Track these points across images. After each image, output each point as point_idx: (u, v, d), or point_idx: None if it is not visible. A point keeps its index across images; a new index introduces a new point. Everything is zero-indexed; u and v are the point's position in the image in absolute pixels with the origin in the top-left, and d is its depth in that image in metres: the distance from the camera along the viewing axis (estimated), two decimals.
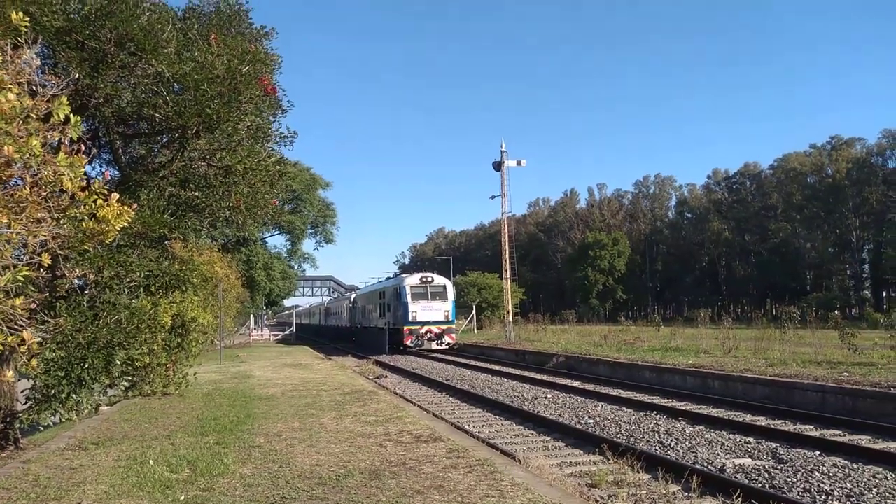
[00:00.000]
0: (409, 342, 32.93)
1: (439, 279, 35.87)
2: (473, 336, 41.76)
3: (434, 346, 33.13)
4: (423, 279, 35.05)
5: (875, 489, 7.35)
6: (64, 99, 5.78)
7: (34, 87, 6.09)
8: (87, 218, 6.54)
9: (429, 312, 33.44)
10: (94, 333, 7.45)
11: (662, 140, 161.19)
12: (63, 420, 9.16)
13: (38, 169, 5.74)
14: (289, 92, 11.22)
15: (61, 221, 6.36)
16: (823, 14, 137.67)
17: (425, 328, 33.18)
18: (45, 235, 5.79)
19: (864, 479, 7.70)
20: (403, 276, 39.17)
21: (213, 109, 8.86)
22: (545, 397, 15.72)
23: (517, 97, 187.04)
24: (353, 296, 51.71)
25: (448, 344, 33.55)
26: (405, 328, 33.12)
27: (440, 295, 34.20)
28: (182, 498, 5.67)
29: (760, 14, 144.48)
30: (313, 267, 57.28)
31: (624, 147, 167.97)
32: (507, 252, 37.18)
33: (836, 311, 25.82)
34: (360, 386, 15.05)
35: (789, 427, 11.21)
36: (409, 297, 33.44)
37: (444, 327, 33.67)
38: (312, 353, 32.47)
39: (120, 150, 10.80)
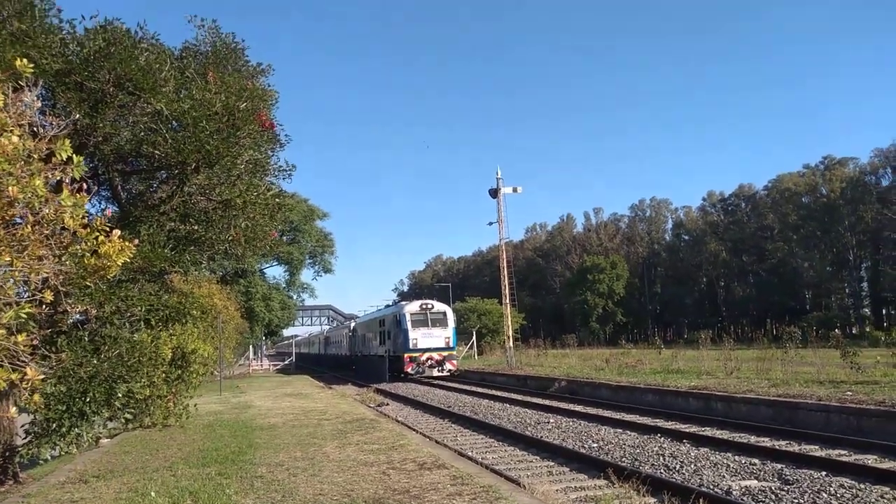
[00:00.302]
0: (409, 369, 32.64)
1: (439, 305, 35.74)
2: (474, 362, 41.57)
3: (435, 372, 32.85)
4: (423, 306, 34.94)
5: None
6: (66, 141, 5.88)
7: (35, 129, 6.20)
8: (88, 254, 6.61)
9: (429, 339, 33.22)
10: (95, 367, 7.46)
11: (657, 164, 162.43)
12: (63, 453, 9.12)
13: (40, 208, 5.82)
14: (284, 122, 11.40)
15: (63, 258, 6.42)
16: (813, 36, 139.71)
17: (426, 355, 32.92)
18: (47, 272, 5.84)
19: (872, 500, 7.67)
20: (403, 303, 39.02)
21: (211, 145, 8.98)
22: (548, 422, 15.63)
23: (512, 124, 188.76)
24: (353, 324, 51.59)
25: (450, 370, 33.27)
26: (406, 355, 32.86)
27: (440, 321, 34.03)
28: None
29: (755, 32, 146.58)
30: (312, 296, 57.27)
31: (619, 172, 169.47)
32: (506, 278, 37.19)
33: (836, 330, 25.80)
34: (361, 414, 14.97)
35: (794, 447, 11.15)
36: (409, 324, 33.27)
37: (446, 354, 33.42)
38: (313, 382, 32.25)
39: (119, 187, 10.91)
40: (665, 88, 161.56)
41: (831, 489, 8.17)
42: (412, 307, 34.87)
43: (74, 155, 5.42)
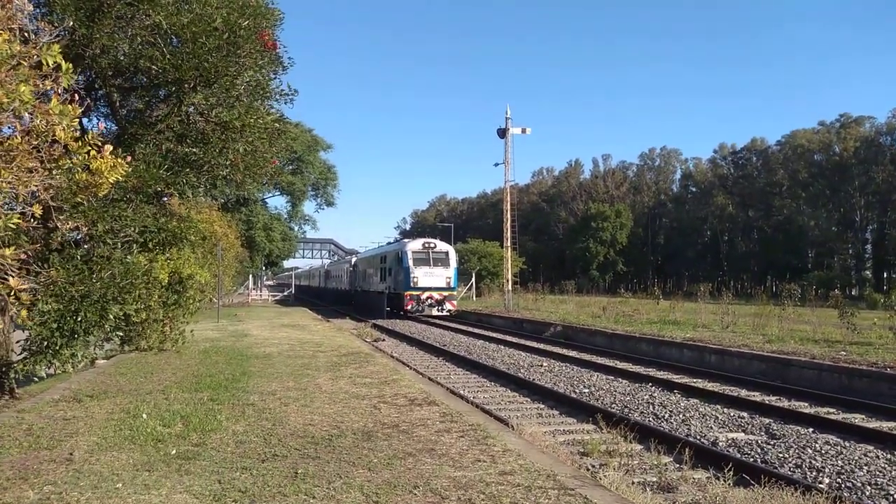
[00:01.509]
0: (409, 307, 32.78)
1: (442, 245, 35.60)
2: (472, 303, 41.88)
3: (435, 312, 32.98)
4: (426, 245, 34.77)
5: (866, 467, 7.35)
6: (55, 46, 5.61)
7: (26, 34, 5.91)
8: (80, 170, 6.42)
9: (430, 278, 33.18)
10: (87, 287, 7.39)
11: (670, 112, 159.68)
12: (58, 372, 9.18)
13: (29, 117, 5.61)
14: (291, 50, 10.99)
15: (53, 172, 6.24)
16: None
17: (426, 294, 32.97)
18: (36, 186, 5.67)
19: (856, 457, 7.71)
20: (405, 240, 38.95)
21: (210, 63, 8.67)
22: (541, 366, 15.76)
23: (524, 61, 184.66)
24: (354, 259, 51.71)
25: (449, 311, 33.41)
26: (406, 293, 32.93)
27: (442, 261, 33.96)
28: (174, 452, 5.66)
29: None
30: (314, 229, 57.25)
31: (630, 118, 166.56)
32: (509, 221, 37.06)
33: (836, 290, 25.77)
34: (357, 348, 15.08)
35: (784, 403, 11.22)
36: (411, 262, 33.18)
37: (446, 294, 33.47)
38: (311, 314, 32.57)
39: (118, 104, 10.62)
40: (683, 35, 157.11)
41: (816, 445, 8.22)
42: (414, 245, 34.75)
43: (64, 62, 5.17)
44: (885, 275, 75.84)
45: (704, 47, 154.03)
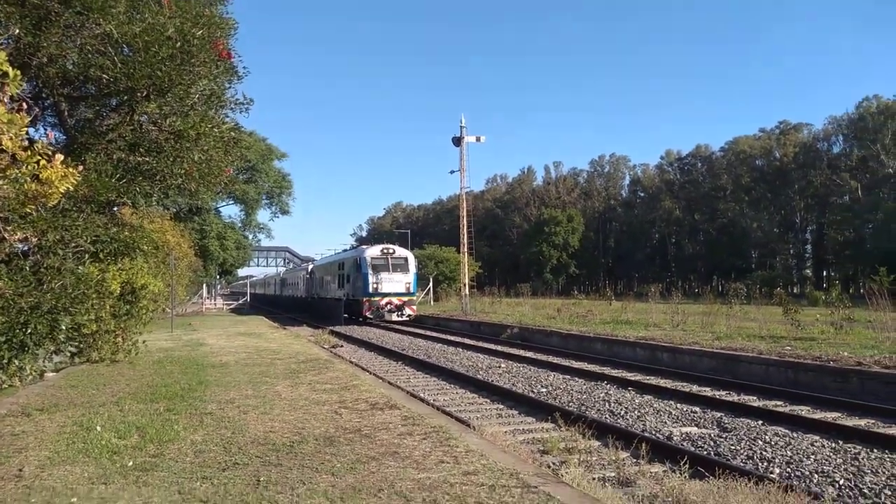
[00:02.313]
0: (368, 314, 32.54)
1: (401, 251, 35.47)
2: (430, 308, 41.91)
3: (395, 317, 32.75)
4: (385, 251, 34.59)
5: (813, 456, 7.69)
6: (2, 54, 5.48)
7: None
8: (28, 179, 6.26)
9: (390, 284, 32.97)
10: (37, 298, 7.18)
11: (618, 120, 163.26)
12: (5, 387, 8.87)
13: None
14: (245, 59, 10.90)
15: (1, 182, 6.08)
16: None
17: (385, 300, 32.73)
18: None
19: (804, 447, 8.06)
20: (364, 247, 38.57)
21: (163, 72, 8.53)
22: (499, 367, 15.93)
23: (477, 71, 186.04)
24: (311, 266, 51.11)
25: (409, 316, 33.23)
26: (364, 300, 32.68)
27: (402, 266, 33.80)
28: (131, 463, 5.56)
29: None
30: (269, 237, 56.46)
31: (580, 126, 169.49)
32: (465, 227, 37.27)
33: (780, 289, 26.76)
34: (315, 355, 14.97)
35: (734, 397, 11.63)
36: (369, 269, 32.93)
37: (406, 299, 33.31)
38: (267, 322, 32.08)
39: (66, 113, 10.32)
40: (632, 45, 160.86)
41: (766, 437, 8.56)
42: (373, 251, 34.52)
43: (11, 69, 5.06)
44: (824, 273, 79.07)
45: (653, 56, 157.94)
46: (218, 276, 56.57)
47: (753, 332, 18.69)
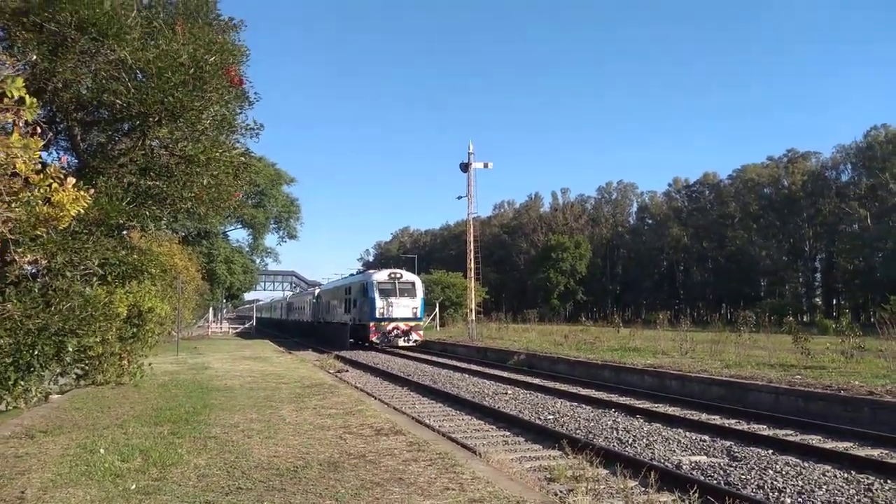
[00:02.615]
0: (375, 339, 32.20)
1: (408, 275, 35.27)
2: (436, 333, 41.76)
3: (401, 342, 32.37)
4: (392, 275, 34.36)
5: (825, 486, 7.56)
6: (19, 79, 5.58)
7: None
8: (40, 202, 6.34)
9: (397, 309, 32.71)
10: (45, 320, 7.22)
11: (626, 148, 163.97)
12: (10, 408, 8.87)
13: None
14: (256, 84, 11.07)
15: (13, 205, 6.15)
16: (787, 35, 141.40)
17: (392, 325, 32.47)
18: None
19: (815, 477, 7.92)
20: (371, 271, 38.30)
21: (176, 98, 8.67)
22: (506, 393, 15.79)
23: (486, 97, 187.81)
24: (317, 290, 51.06)
25: (416, 341, 32.84)
26: (371, 324, 32.38)
27: (409, 291, 33.59)
28: (133, 487, 5.52)
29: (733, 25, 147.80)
30: (276, 262, 56.78)
31: (587, 153, 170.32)
32: (472, 252, 37.26)
33: (789, 317, 26.56)
34: (320, 379, 14.90)
35: (744, 426, 11.46)
36: (376, 293, 32.67)
37: (413, 324, 33.02)
38: (273, 346, 32.03)
39: (78, 137, 10.49)
40: (641, 77, 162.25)
41: (777, 466, 8.42)
42: (380, 276, 34.30)
43: (27, 96, 5.14)
44: (834, 301, 78.39)
45: (660, 76, 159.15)
46: (224, 300, 56.71)
47: (763, 360, 18.50)
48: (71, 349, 7.70)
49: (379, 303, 32.58)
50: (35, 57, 8.03)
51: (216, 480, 5.77)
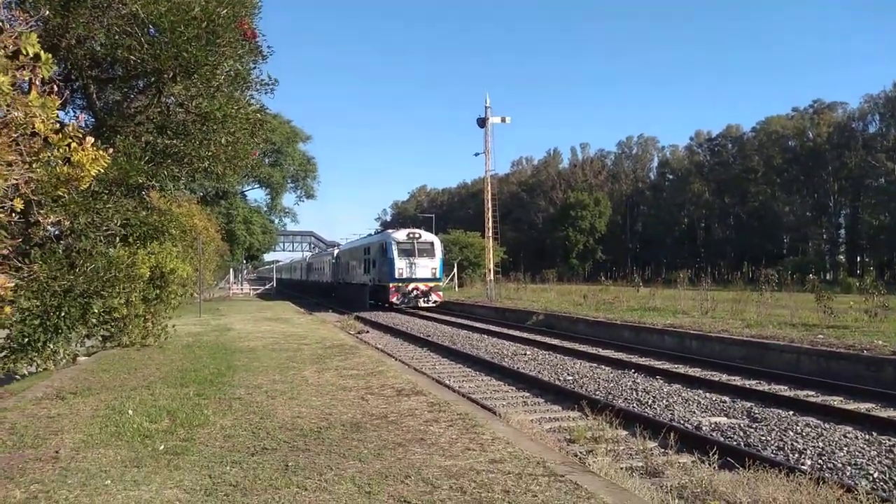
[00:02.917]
0: (395, 299, 32.09)
1: (427, 235, 34.94)
2: (454, 294, 41.92)
3: (421, 303, 32.30)
4: (411, 235, 33.95)
5: (846, 448, 7.52)
6: (33, 35, 5.49)
7: (0, 23, 5.79)
8: (60, 162, 6.31)
9: (416, 269, 32.43)
10: (70, 282, 7.29)
11: (647, 99, 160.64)
12: (40, 370, 9.05)
13: (8, 109, 5.49)
14: (269, 38, 10.87)
15: (34, 165, 6.13)
16: None
17: (412, 285, 32.27)
18: (16, 179, 5.58)
19: (836, 439, 7.88)
20: (390, 231, 37.79)
21: (189, 53, 8.55)
22: (525, 354, 15.86)
23: (503, 49, 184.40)
24: (337, 251, 51.18)
25: (435, 302, 32.76)
26: (391, 285, 32.18)
27: (428, 251, 33.32)
28: (162, 447, 5.63)
29: None
30: (294, 222, 56.92)
31: (607, 106, 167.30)
32: (490, 211, 37.02)
33: (812, 275, 26.19)
34: (341, 340, 15.06)
35: (764, 387, 11.43)
36: (395, 253, 32.44)
37: (432, 285, 32.88)
38: (293, 307, 32.39)
39: (94, 96, 10.44)
40: (661, 28, 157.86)
41: (797, 427, 8.39)
42: (399, 235, 33.98)
43: (43, 52, 5.07)
44: (858, 259, 77.23)
45: (681, 30, 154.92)
46: (244, 261, 57.26)
47: (784, 319, 18.34)
48: (96, 311, 7.80)
49: (398, 263, 32.33)
50: (47, 12, 7.92)
51: (242, 441, 5.86)
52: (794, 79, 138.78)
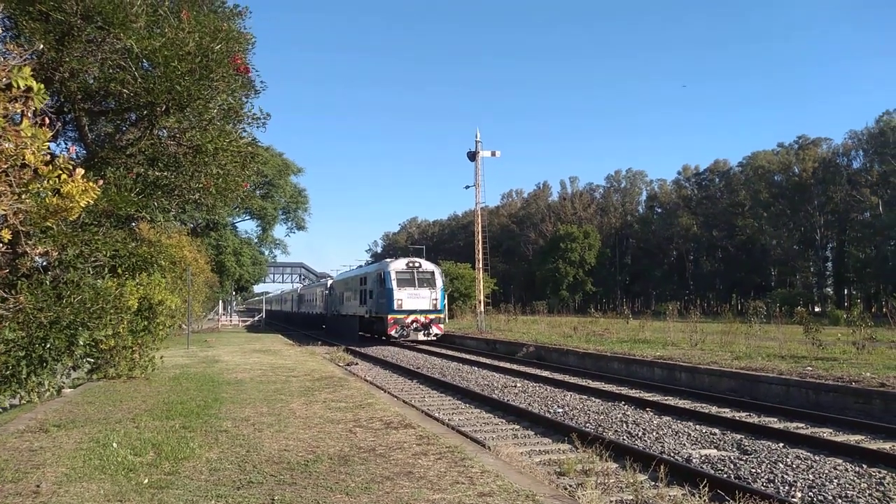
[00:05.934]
0: (393, 332, 30.09)
1: (427, 265, 32.94)
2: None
3: (421, 336, 30.42)
4: (410, 264, 31.87)
5: (836, 480, 7.50)
6: (26, 69, 5.56)
7: None
8: (50, 194, 6.33)
9: (416, 300, 30.48)
10: (56, 313, 7.24)
11: (635, 135, 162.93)
12: (23, 402, 8.92)
13: None
14: (262, 73, 11.03)
15: (23, 196, 6.15)
16: (799, 21, 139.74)
17: (411, 317, 30.25)
18: (5, 210, 5.59)
19: (826, 471, 7.86)
20: (388, 260, 35.64)
21: (183, 87, 8.65)
22: (515, 386, 15.78)
23: (493, 84, 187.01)
24: (330, 282, 50.01)
25: (436, 335, 30.89)
26: (389, 317, 30.17)
27: (428, 281, 31.34)
28: (146, 481, 5.54)
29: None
30: (284, 253, 56.96)
31: (596, 140, 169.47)
32: (481, 243, 37.15)
33: (800, 307, 26.38)
34: (330, 372, 14.94)
35: (754, 419, 11.41)
36: (394, 283, 30.40)
37: (432, 316, 30.81)
38: (282, 339, 32.14)
39: (86, 128, 10.51)
40: (649, 66, 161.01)
41: (787, 460, 8.37)
42: (398, 265, 31.84)
43: (35, 83, 5.13)
44: (845, 292, 77.83)
45: (666, 64, 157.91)
46: (234, 293, 56.95)
47: (773, 351, 18.39)
48: (82, 342, 7.73)
49: (397, 293, 30.22)
50: (42, 46, 8.02)
51: (228, 475, 5.78)
52: (779, 113, 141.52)
